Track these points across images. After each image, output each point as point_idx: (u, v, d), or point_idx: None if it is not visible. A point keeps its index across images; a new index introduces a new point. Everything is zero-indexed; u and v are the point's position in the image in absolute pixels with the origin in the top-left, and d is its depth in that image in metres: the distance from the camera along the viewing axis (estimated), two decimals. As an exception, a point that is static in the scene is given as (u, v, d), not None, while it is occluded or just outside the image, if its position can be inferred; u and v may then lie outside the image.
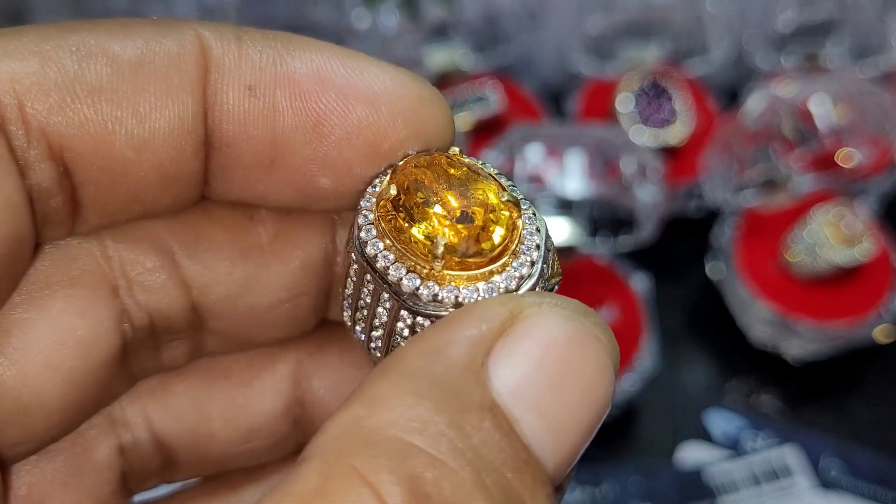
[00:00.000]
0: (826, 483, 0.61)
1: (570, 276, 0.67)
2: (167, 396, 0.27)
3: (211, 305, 0.26)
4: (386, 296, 0.22)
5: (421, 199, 0.22)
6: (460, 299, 0.21)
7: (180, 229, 0.25)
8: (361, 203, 0.23)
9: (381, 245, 0.22)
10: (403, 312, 0.22)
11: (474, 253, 0.22)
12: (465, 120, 0.71)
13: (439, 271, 0.22)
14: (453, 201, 0.22)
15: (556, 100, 0.78)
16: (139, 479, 0.28)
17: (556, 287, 0.24)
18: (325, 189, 0.24)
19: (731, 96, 0.78)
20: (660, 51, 0.77)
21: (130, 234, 0.25)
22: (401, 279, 0.22)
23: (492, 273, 0.22)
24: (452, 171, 0.23)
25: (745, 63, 0.77)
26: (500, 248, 0.22)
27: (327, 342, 0.28)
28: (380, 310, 0.23)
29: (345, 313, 0.24)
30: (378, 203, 0.23)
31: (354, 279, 0.23)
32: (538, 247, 0.22)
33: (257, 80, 0.22)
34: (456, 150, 0.24)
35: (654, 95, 0.72)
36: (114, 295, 0.25)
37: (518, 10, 0.74)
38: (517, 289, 0.22)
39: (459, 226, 0.22)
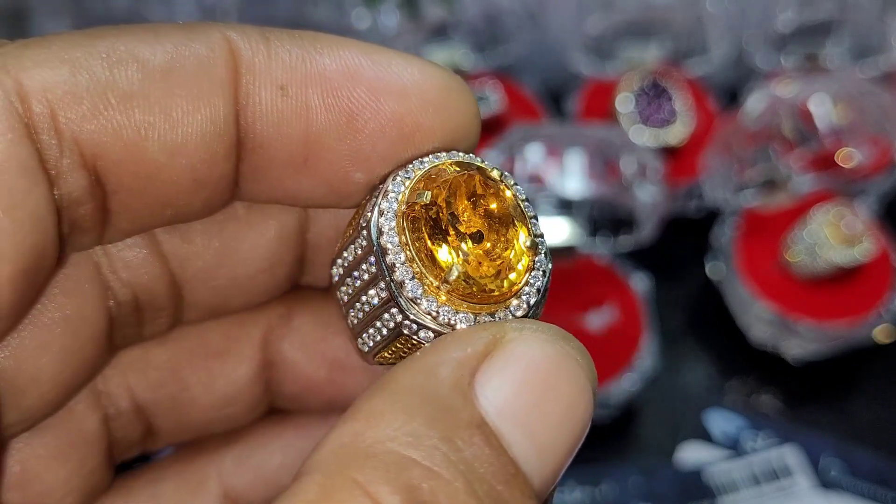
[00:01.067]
0: (826, 483, 0.61)
1: (570, 276, 0.67)
2: (147, 368, 0.28)
3: (190, 278, 0.27)
4: (383, 285, 0.23)
5: (453, 220, 0.23)
6: (452, 322, 0.22)
7: None
8: (390, 185, 0.23)
9: (396, 240, 0.22)
10: (395, 310, 0.23)
11: (481, 292, 0.22)
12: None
13: (444, 293, 0.22)
14: (484, 238, 0.23)
15: (556, 100, 0.78)
16: (122, 449, 0.29)
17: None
18: (359, 183, 0.24)
19: (731, 96, 0.78)
20: (660, 51, 0.77)
21: None
22: (404, 281, 0.22)
23: (491, 309, 0.23)
24: (493, 203, 0.23)
25: (745, 63, 0.77)
26: (507, 290, 0.23)
27: (297, 304, 0.29)
28: (372, 292, 0.23)
29: (333, 269, 0.25)
30: (407, 198, 0.23)
31: (357, 252, 0.23)
32: (538, 290, 0.23)
33: (288, 79, 0.23)
34: (496, 172, 0.24)
35: (654, 95, 0.72)
36: (97, 273, 0.25)
37: (518, 10, 0.74)
38: None
39: (481, 266, 0.22)
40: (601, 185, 0.64)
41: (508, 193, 0.23)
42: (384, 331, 0.23)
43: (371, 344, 0.24)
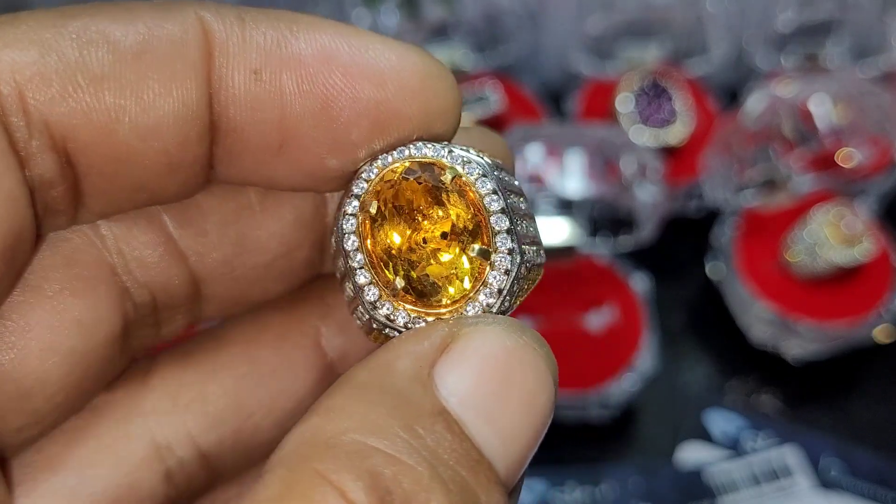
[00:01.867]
0: (826, 483, 0.61)
1: (570, 276, 0.67)
2: (205, 405, 0.27)
3: (209, 271, 0.26)
4: (351, 285, 0.23)
5: (401, 228, 0.23)
6: (408, 324, 0.22)
7: None
8: (353, 187, 0.23)
9: (356, 243, 0.23)
10: (361, 309, 0.23)
11: (433, 299, 0.23)
12: (465, 120, 0.71)
13: (395, 301, 0.22)
14: (429, 253, 0.23)
15: (556, 100, 0.78)
16: (185, 499, 0.27)
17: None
18: (335, 170, 0.23)
19: (731, 96, 0.78)
20: (660, 51, 0.77)
21: None
22: (364, 286, 0.23)
23: (448, 312, 0.23)
24: (436, 214, 0.23)
25: (745, 63, 0.77)
26: (459, 297, 0.23)
27: (333, 300, 0.29)
28: (347, 285, 0.23)
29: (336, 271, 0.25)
30: (363, 203, 0.23)
31: (334, 246, 0.24)
32: (499, 291, 0.23)
33: (262, 63, 0.22)
34: (448, 175, 0.23)
35: (654, 95, 0.72)
36: (112, 275, 0.25)
37: (518, 10, 0.74)
38: None
39: (432, 267, 0.23)
40: (601, 185, 0.64)
41: (467, 197, 0.23)
42: (360, 321, 0.24)
43: (359, 324, 0.24)
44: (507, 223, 0.23)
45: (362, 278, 0.23)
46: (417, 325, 0.22)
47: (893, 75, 0.74)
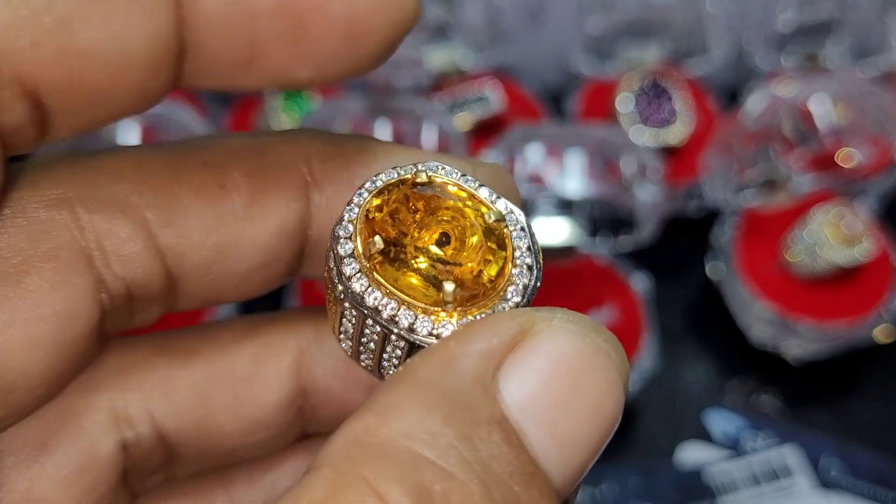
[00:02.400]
0: (826, 483, 0.61)
1: (570, 276, 0.67)
2: (171, 391, 0.27)
3: (185, 272, 0.26)
4: (394, 338, 0.22)
5: (411, 245, 0.23)
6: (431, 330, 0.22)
7: (153, 197, 0.25)
8: (339, 249, 0.23)
9: (378, 294, 0.22)
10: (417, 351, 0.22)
11: (473, 293, 0.22)
12: (465, 120, 0.71)
13: (450, 312, 0.22)
14: (441, 248, 0.22)
15: (556, 100, 0.78)
16: (141, 477, 0.28)
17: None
18: (304, 78, 0.23)
19: (731, 96, 0.78)
20: (660, 51, 0.77)
21: (103, 203, 0.24)
22: (413, 324, 0.22)
23: (491, 301, 0.22)
24: (431, 216, 0.23)
25: (745, 63, 0.77)
26: (497, 279, 0.22)
27: (327, 328, 0.28)
28: (389, 348, 0.23)
29: (343, 344, 0.24)
30: (363, 252, 0.22)
31: (353, 322, 0.23)
32: (529, 268, 0.22)
33: None
34: (424, 176, 0.23)
35: (654, 95, 0.72)
36: (90, 266, 0.25)
37: (518, 10, 0.74)
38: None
39: (455, 269, 0.22)
40: (601, 185, 0.64)
41: (451, 190, 0.23)
42: (348, 344, 0.24)
43: (347, 349, 0.24)
44: (513, 214, 0.23)
45: (408, 319, 0.22)
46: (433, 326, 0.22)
47: (893, 75, 0.74)
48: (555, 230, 0.65)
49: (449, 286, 0.22)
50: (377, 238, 0.22)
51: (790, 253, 0.66)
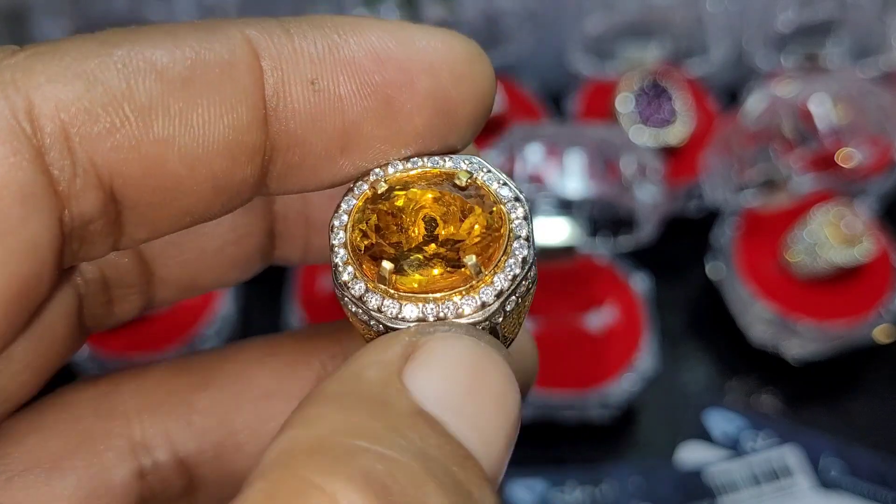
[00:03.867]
0: (826, 483, 0.61)
1: (570, 276, 0.67)
2: (190, 413, 0.27)
3: (157, 252, 0.26)
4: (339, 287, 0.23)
5: (408, 248, 0.23)
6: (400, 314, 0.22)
7: None
8: (343, 203, 0.23)
9: (344, 255, 0.23)
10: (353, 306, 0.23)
11: (488, 245, 0.23)
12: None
13: (485, 278, 0.22)
14: (435, 232, 0.23)
15: (556, 100, 0.78)
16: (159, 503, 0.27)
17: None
18: (406, 157, 0.24)
19: (731, 96, 0.78)
20: (660, 51, 0.77)
21: None
22: (349, 281, 0.22)
23: (505, 243, 0.22)
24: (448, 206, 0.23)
25: (745, 63, 0.77)
26: (493, 225, 0.23)
27: (348, 342, 0.28)
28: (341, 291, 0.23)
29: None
30: (380, 282, 0.22)
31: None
32: (517, 199, 0.23)
33: (318, 71, 0.22)
34: (382, 184, 0.23)
35: (653, 95, 0.72)
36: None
37: (518, 10, 0.74)
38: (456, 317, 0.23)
39: (461, 243, 0.23)
40: (601, 186, 0.64)
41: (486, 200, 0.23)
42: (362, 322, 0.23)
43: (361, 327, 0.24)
44: (527, 231, 0.23)
45: (346, 275, 0.22)
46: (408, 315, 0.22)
47: (894, 75, 0.74)
48: (555, 230, 0.65)
49: (470, 260, 0.22)
50: (385, 264, 0.22)
51: (790, 253, 0.66)
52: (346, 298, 0.23)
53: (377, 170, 0.24)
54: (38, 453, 0.25)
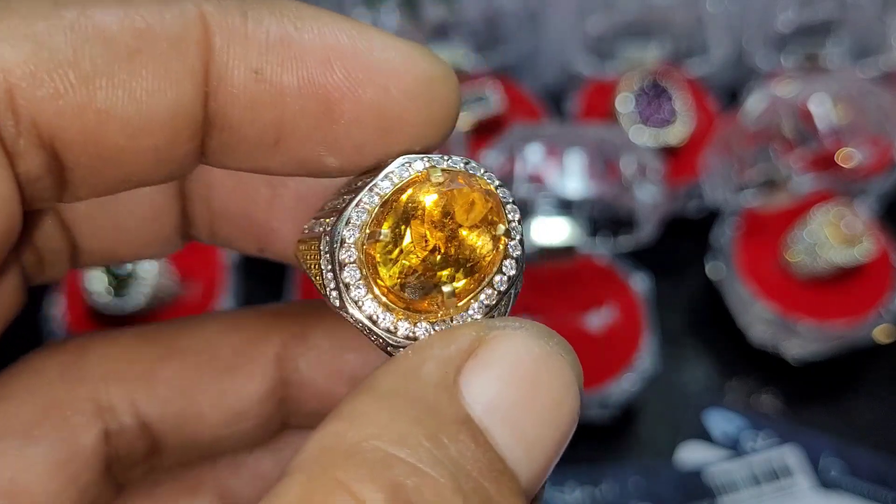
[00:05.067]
0: (826, 483, 0.61)
1: (570, 276, 0.67)
2: (154, 382, 0.28)
3: (74, 219, 0.27)
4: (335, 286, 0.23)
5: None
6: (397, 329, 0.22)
7: None
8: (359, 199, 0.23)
9: (354, 256, 0.22)
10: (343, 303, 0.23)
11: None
12: (465, 120, 0.71)
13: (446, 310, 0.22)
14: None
15: (556, 100, 0.78)
16: (125, 467, 0.28)
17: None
18: (333, 167, 0.23)
19: (731, 96, 0.78)
20: (660, 51, 0.77)
21: None
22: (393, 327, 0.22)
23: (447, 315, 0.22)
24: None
25: (745, 63, 0.77)
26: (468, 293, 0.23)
27: (312, 323, 0.29)
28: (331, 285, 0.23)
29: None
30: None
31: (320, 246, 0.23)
32: (500, 293, 0.23)
33: (264, 62, 0.22)
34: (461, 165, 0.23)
35: (653, 95, 0.72)
36: None
37: (518, 10, 0.74)
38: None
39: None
40: (601, 186, 0.64)
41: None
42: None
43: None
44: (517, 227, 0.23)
45: (357, 291, 0.22)
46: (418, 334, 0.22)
47: (893, 75, 0.74)
48: (555, 230, 0.65)
49: (447, 287, 0.22)
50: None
51: (790, 253, 0.66)
52: (366, 327, 0.23)
53: (391, 172, 0.23)
54: (9, 422, 0.25)
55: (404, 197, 0.22)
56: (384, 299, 0.22)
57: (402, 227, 0.22)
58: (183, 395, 0.28)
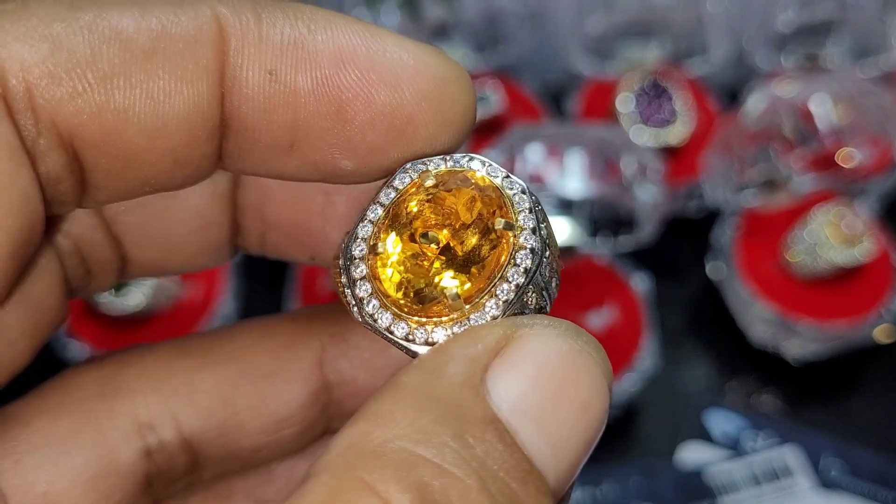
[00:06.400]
0: (826, 483, 0.61)
1: (570, 276, 0.67)
2: (194, 393, 0.27)
3: (125, 232, 0.27)
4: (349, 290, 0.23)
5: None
6: (408, 336, 0.22)
7: None
8: (381, 195, 0.23)
9: (364, 250, 0.23)
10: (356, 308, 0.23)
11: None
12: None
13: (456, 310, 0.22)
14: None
15: (557, 100, 0.78)
16: (165, 482, 0.28)
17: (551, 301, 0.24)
18: (347, 170, 0.23)
19: (732, 96, 0.78)
20: (660, 51, 0.77)
21: None
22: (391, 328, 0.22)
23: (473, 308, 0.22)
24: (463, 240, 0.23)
25: (746, 63, 0.77)
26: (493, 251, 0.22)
27: (350, 323, 0.28)
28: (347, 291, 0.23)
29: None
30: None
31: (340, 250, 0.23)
32: (517, 286, 0.22)
33: (278, 63, 0.22)
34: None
35: (654, 95, 0.72)
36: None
37: (518, 9, 0.74)
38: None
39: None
40: (601, 186, 0.64)
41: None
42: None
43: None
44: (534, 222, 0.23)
45: (363, 290, 0.22)
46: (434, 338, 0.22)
47: (894, 75, 0.74)
48: (555, 230, 0.65)
49: (450, 291, 0.22)
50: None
51: (790, 253, 0.66)
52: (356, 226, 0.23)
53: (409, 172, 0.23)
54: (45, 435, 0.25)
55: (398, 207, 0.23)
56: (394, 309, 0.22)
57: (396, 237, 0.22)
58: (224, 405, 0.27)
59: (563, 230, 0.66)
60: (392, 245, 0.22)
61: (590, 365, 0.21)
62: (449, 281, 0.22)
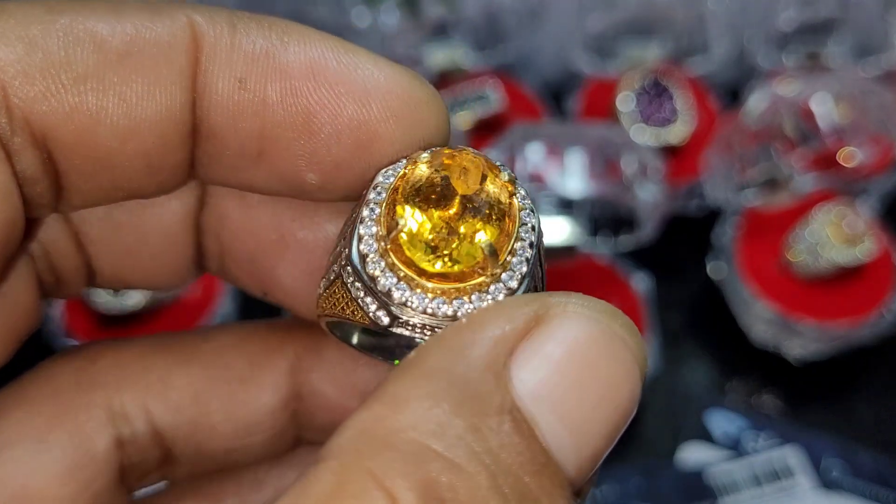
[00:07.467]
0: (827, 483, 0.61)
1: (570, 275, 0.67)
2: (167, 390, 0.28)
3: (90, 241, 0.27)
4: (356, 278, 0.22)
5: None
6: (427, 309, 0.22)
7: None
8: (370, 193, 0.22)
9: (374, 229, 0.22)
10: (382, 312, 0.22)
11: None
12: (465, 119, 0.71)
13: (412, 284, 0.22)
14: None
15: (557, 98, 0.78)
16: (138, 474, 0.28)
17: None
18: (313, 184, 0.24)
19: (733, 95, 0.78)
20: (661, 49, 0.77)
21: None
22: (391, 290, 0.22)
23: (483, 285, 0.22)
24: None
25: (747, 62, 0.76)
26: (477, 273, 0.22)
27: (325, 338, 0.28)
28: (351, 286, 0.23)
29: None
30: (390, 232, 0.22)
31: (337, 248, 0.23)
32: (527, 260, 0.22)
33: (249, 72, 0.22)
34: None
35: (654, 94, 0.72)
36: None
37: (519, 8, 0.74)
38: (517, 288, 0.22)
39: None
40: (602, 185, 0.64)
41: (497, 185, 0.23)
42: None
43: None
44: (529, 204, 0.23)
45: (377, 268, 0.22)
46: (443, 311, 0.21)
47: (895, 74, 0.74)
48: (555, 230, 0.65)
49: (484, 243, 0.21)
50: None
51: (791, 252, 0.66)
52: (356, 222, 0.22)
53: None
54: (23, 427, 0.26)
55: (401, 184, 0.22)
56: (430, 286, 0.22)
57: (413, 208, 0.22)
58: (195, 404, 0.28)
59: (564, 230, 0.65)
60: (411, 215, 0.22)
61: (622, 350, 0.20)
62: (479, 234, 0.22)
